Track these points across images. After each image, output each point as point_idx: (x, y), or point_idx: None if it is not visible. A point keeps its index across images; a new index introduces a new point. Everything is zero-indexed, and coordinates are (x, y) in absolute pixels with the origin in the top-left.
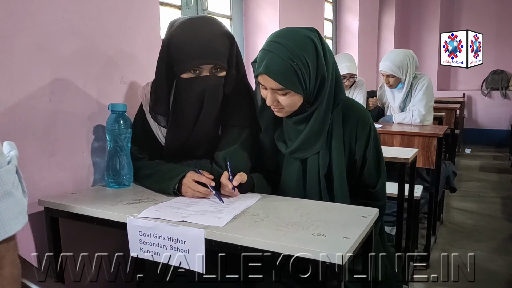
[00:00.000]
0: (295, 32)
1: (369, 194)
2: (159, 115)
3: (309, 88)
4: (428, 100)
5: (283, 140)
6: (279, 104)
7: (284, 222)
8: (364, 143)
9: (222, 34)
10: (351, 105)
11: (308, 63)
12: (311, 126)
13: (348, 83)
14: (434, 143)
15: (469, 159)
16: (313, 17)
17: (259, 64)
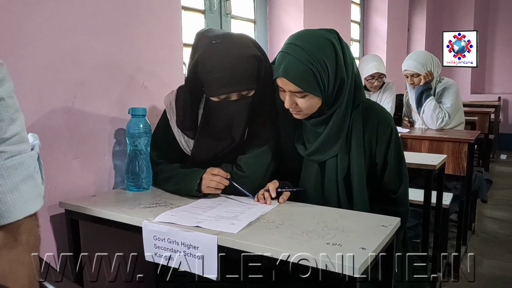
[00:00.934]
0: (314, 34)
1: (390, 200)
2: (187, 130)
3: (328, 91)
4: (454, 104)
5: (302, 143)
6: (297, 107)
7: (299, 230)
8: (385, 146)
9: (248, 57)
10: (372, 107)
11: (327, 66)
12: (330, 128)
13: (377, 83)
14: (465, 149)
15: (504, 166)
16: (339, 19)
17: (278, 67)
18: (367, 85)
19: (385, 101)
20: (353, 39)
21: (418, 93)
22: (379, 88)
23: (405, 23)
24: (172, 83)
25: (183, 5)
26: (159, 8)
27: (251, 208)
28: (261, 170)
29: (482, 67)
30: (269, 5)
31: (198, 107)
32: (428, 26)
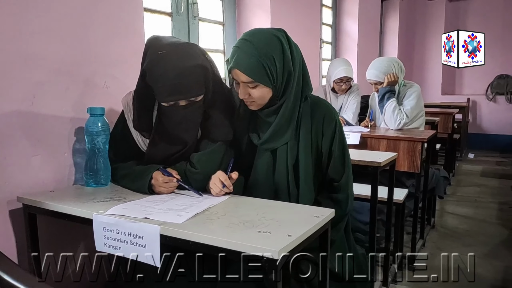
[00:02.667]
0: (263, 32)
1: (332, 187)
2: (143, 131)
3: (277, 82)
4: (414, 108)
5: (256, 133)
6: (250, 97)
7: (237, 220)
8: (330, 138)
9: (193, 67)
10: (319, 102)
11: (275, 59)
12: (280, 117)
13: (345, 86)
14: (418, 147)
15: (471, 164)
16: (308, 21)
17: (231, 60)
18: (335, 87)
19: (351, 102)
20: (325, 41)
21: (381, 95)
22: (346, 91)
23: (377, 26)
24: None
25: (149, 8)
26: (120, 10)
27: (201, 201)
28: (213, 167)
29: (452, 69)
30: (238, 7)
31: (152, 109)
32: (401, 28)
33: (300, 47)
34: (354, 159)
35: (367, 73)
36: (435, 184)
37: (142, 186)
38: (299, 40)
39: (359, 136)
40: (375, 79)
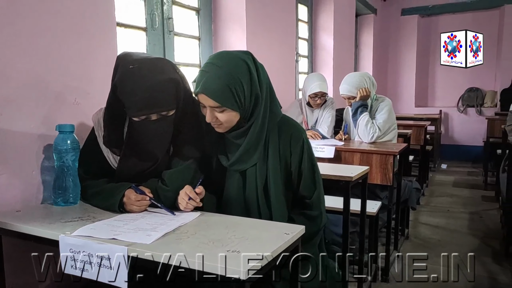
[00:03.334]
0: (230, 55)
1: (305, 205)
2: (113, 148)
3: (245, 105)
4: (386, 121)
5: (224, 154)
6: (218, 121)
7: (207, 239)
8: (298, 157)
9: (164, 81)
10: (286, 121)
11: (242, 83)
12: (248, 139)
13: (320, 101)
14: (390, 160)
15: (444, 175)
16: (284, 36)
17: (197, 84)
18: (310, 102)
19: (326, 116)
20: (301, 55)
21: (354, 109)
22: (320, 105)
23: (352, 40)
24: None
25: (123, 23)
26: (92, 25)
27: (172, 219)
28: (184, 184)
29: (425, 82)
30: (214, 22)
31: (123, 125)
32: (375, 43)
33: (276, 60)
34: (327, 174)
35: (340, 88)
36: (408, 196)
37: (112, 205)
38: (275, 54)
39: (334, 150)
40: (347, 93)
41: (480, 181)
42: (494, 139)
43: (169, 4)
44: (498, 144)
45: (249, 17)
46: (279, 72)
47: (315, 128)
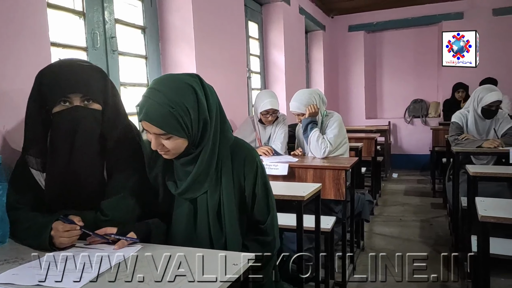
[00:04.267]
0: (174, 79)
1: (259, 230)
2: (31, 156)
3: (192, 132)
4: (337, 136)
5: (173, 181)
6: (164, 148)
7: (147, 278)
8: (252, 181)
9: (91, 67)
10: (239, 144)
11: (188, 108)
12: (199, 166)
13: (272, 118)
14: (342, 175)
15: (395, 184)
16: (235, 52)
17: (140, 111)
18: (262, 119)
19: (278, 132)
20: (253, 71)
21: (304, 126)
22: (272, 122)
23: (302, 56)
24: None
25: (60, 43)
26: (22, 46)
27: (111, 254)
28: (125, 214)
29: (373, 95)
30: (161, 40)
31: (46, 134)
32: (326, 58)
33: (227, 77)
34: (280, 194)
35: (290, 105)
36: (361, 208)
37: (43, 242)
38: (226, 70)
39: (287, 167)
40: (297, 110)
41: (428, 189)
42: (439, 148)
43: (112, 23)
44: (443, 152)
45: (198, 35)
46: (231, 89)
47: (269, 144)
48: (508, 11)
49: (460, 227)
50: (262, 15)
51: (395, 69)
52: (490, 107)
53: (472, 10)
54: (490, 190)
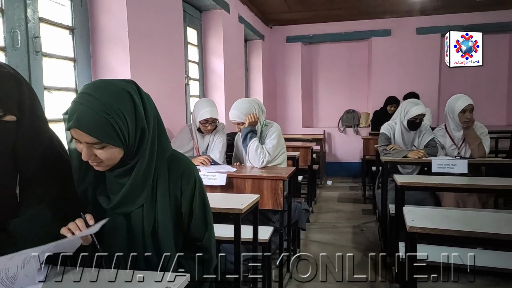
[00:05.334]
0: (109, 85)
1: (196, 247)
2: None
3: (129, 141)
4: (276, 146)
5: (105, 195)
6: (97, 158)
7: None
8: (189, 196)
9: (3, 74)
10: (176, 157)
11: (125, 116)
12: (134, 178)
13: (211, 127)
14: (280, 185)
15: (330, 191)
16: (173, 58)
17: (70, 118)
18: (201, 128)
19: (217, 142)
20: (192, 78)
21: (243, 135)
22: (212, 131)
23: (242, 64)
24: None
25: None
26: None
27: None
28: (41, 229)
29: (310, 104)
30: (92, 43)
31: None
32: (265, 67)
33: (164, 83)
34: (217, 207)
35: (230, 114)
36: (298, 217)
37: None
38: (163, 77)
39: (225, 177)
40: (236, 119)
41: (360, 195)
42: (369, 157)
43: (36, 22)
44: (372, 161)
45: (133, 39)
46: (168, 96)
47: (207, 153)
48: (429, 31)
49: (388, 232)
50: (202, 22)
51: (330, 80)
52: (415, 120)
53: (398, 29)
54: (415, 197)
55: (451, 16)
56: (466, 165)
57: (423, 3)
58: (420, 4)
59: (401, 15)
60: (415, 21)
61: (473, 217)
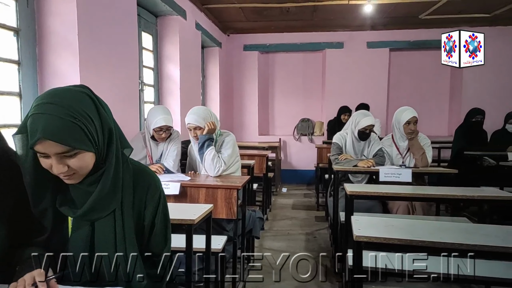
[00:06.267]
0: (65, 90)
1: (152, 262)
2: None
3: (99, 143)
4: (231, 155)
5: (68, 204)
6: (70, 169)
7: None
8: (153, 209)
9: None
10: (142, 170)
11: (91, 117)
12: (104, 183)
13: (165, 135)
14: (234, 194)
15: (284, 198)
16: (126, 63)
17: (34, 132)
18: (155, 135)
19: (171, 150)
20: (147, 84)
21: (201, 142)
22: (166, 139)
23: (198, 71)
24: None
25: None
26: None
27: None
28: None
29: (266, 112)
30: (39, 46)
31: None
32: (221, 74)
33: (117, 89)
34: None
35: (188, 118)
36: (252, 226)
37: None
38: (116, 82)
39: (179, 186)
40: (195, 123)
41: (313, 202)
42: (322, 165)
43: None
44: (325, 169)
45: (83, 42)
46: (121, 102)
47: (160, 161)
48: (378, 45)
49: (339, 239)
50: (158, 27)
51: (286, 89)
52: (365, 130)
53: (350, 42)
54: (365, 204)
55: (398, 32)
56: (410, 174)
57: (373, 18)
58: (370, 20)
59: (353, 29)
60: (366, 35)
61: (415, 225)
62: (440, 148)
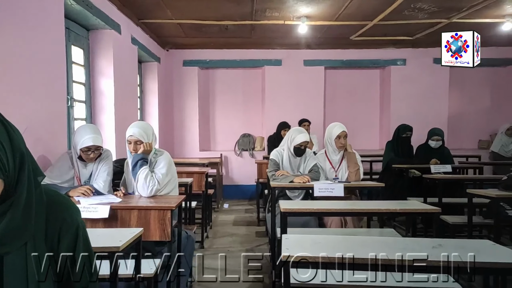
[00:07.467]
0: None
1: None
2: None
3: (9, 169)
4: (165, 174)
5: None
6: None
7: None
8: (71, 244)
9: None
10: (57, 200)
11: (0, 140)
12: (15, 212)
13: (94, 155)
14: (168, 215)
15: (226, 214)
16: (52, 79)
17: None
18: (82, 156)
19: (101, 170)
20: (77, 100)
21: (134, 162)
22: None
23: (135, 86)
24: None
25: None
26: None
27: None
28: None
29: (207, 128)
30: None
31: None
32: (160, 90)
33: (41, 105)
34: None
35: (130, 130)
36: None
37: None
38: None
39: (109, 209)
40: (138, 136)
41: (254, 218)
42: (262, 180)
43: None
44: (266, 184)
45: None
46: (46, 119)
47: (90, 183)
48: (314, 63)
49: (276, 256)
50: (90, 41)
51: (227, 105)
52: (300, 146)
53: (288, 59)
54: (301, 219)
55: (332, 51)
56: (342, 189)
57: (308, 38)
58: (306, 39)
59: (290, 47)
60: (303, 54)
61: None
62: (372, 162)
